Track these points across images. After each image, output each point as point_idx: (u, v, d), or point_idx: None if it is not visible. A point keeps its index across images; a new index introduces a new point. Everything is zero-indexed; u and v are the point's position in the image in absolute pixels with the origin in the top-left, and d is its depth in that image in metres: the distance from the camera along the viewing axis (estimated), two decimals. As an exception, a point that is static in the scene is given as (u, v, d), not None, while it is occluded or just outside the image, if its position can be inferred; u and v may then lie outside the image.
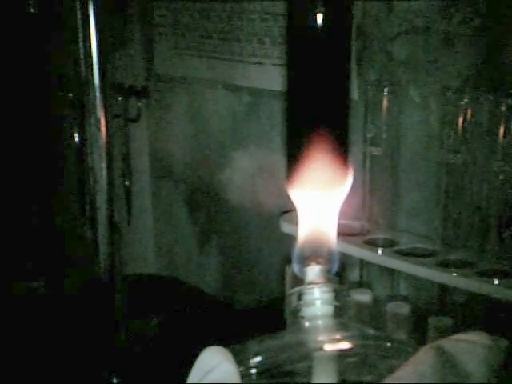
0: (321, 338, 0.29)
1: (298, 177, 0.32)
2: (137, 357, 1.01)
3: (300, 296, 0.31)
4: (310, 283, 0.31)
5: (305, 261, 0.32)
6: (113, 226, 0.90)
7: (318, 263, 0.32)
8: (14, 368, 0.99)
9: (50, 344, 1.05)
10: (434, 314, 0.80)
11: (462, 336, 0.27)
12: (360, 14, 0.90)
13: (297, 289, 0.31)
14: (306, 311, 0.30)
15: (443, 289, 0.81)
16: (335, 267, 0.32)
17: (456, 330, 0.76)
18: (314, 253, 0.32)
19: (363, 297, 0.84)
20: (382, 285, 0.91)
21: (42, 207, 1.25)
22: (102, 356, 0.94)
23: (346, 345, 0.29)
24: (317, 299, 0.30)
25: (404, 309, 0.81)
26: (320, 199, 0.32)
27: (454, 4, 0.81)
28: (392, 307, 0.82)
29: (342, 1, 0.32)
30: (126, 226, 1.24)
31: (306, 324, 0.30)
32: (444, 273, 0.76)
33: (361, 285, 0.90)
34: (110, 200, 0.89)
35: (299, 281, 0.32)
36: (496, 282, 0.72)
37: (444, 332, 0.76)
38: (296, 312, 0.31)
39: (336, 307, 0.30)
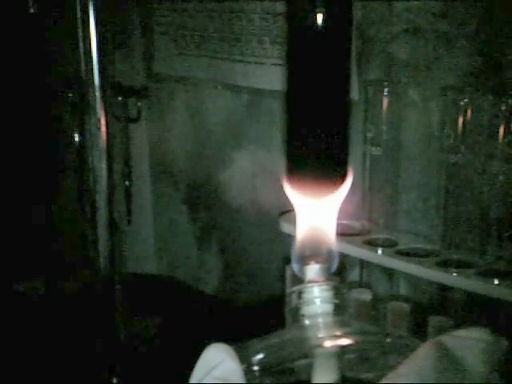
0: (321, 334, 0.29)
1: (297, 176, 0.32)
2: (137, 357, 1.01)
3: (300, 294, 0.31)
4: (310, 282, 0.31)
5: (304, 260, 0.32)
6: (113, 226, 0.90)
7: (317, 262, 0.32)
8: (14, 368, 1.00)
9: (50, 344, 1.05)
10: (434, 314, 0.80)
11: (462, 332, 0.27)
12: (360, 14, 0.90)
13: (297, 287, 0.31)
14: (306, 309, 0.31)
15: (443, 289, 0.81)
16: (334, 266, 0.33)
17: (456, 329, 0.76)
18: (314, 252, 0.32)
19: (363, 297, 0.84)
20: (381, 285, 0.91)
21: (42, 207, 1.25)
22: (101, 356, 0.94)
23: (346, 341, 0.29)
24: (316, 297, 0.31)
25: (404, 309, 0.81)
26: (319, 199, 0.32)
27: (453, 4, 0.82)
28: (392, 307, 0.82)
29: (342, 1, 0.32)
30: (126, 226, 1.25)
31: (306, 322, 0.30)
32: (444, 273, 0.76)
33: (361, 285, 0.90)
34: (110, 200, 0.89)
35: (299, 280, 0.32)
36: (496, 281, 0.72)
37: (444, 332, 0.75)
38: (296, 310, 0.31)
39: (336, 305, 0.31)
